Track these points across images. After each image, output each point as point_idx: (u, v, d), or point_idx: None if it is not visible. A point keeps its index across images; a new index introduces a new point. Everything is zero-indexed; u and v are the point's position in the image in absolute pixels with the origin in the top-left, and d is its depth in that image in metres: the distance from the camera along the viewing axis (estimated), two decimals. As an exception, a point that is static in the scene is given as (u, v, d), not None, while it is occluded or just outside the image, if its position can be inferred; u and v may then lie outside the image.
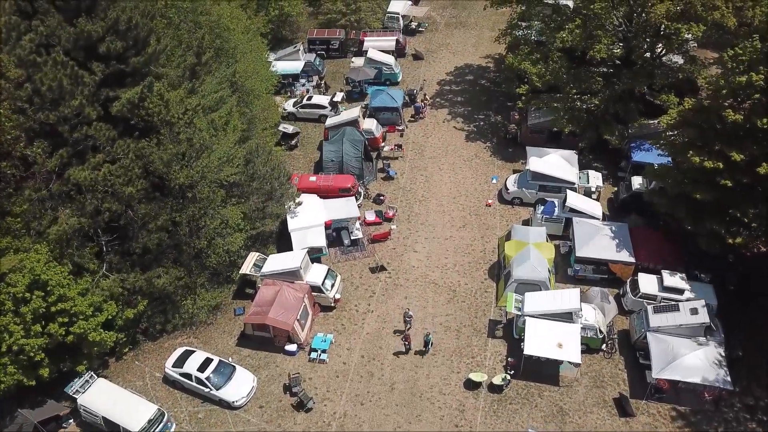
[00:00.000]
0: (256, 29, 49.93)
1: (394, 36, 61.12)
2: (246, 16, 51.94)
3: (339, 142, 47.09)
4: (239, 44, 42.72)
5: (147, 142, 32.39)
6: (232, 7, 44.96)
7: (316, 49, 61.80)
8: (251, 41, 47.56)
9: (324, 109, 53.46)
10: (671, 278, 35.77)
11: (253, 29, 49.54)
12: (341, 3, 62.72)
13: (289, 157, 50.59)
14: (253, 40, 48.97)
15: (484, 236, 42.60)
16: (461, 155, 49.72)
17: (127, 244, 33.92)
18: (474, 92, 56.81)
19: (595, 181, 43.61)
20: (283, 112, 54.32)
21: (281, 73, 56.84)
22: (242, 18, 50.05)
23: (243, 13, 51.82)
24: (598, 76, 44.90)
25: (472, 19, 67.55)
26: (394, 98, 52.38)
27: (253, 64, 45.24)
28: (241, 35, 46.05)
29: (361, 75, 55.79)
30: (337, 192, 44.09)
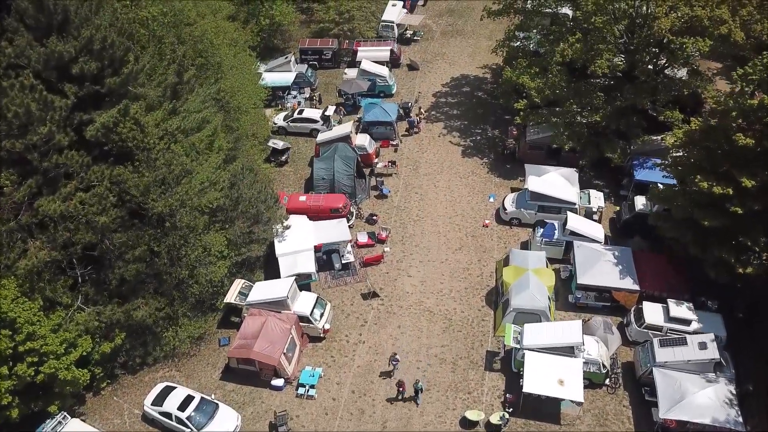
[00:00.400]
0: (244, 42, 47.98)
1: (388, 46, 59.21)
2: (234, 28, 50.04)
3: (330, 159, 45.18)
4: (225, 59, 40.73)
5: (123, 168, 30.45)
6: (217, 20, 43.01)
7: (308, 59, 59.86)
8: (238, 54, 45.64)
9: (315, 123, 51.54)
10: (677, 308, 33.91)
11: (241, 42, 47.59)
12: (334, 12, 60.80)
13: (279, 174, 48.68)
14: (240, 54, 47.10)
15: (481, 259, 40.69)
16: (457, 172, 47.82)
17: (103, 275, 31.98)
18: (471, 105, 54.91)
19: (597, 201, 41.72)
20: (274, 126, 52.40)
21: (271, 85, 54.95)
22: (229, 30, 48.16)
23: (231, 25, 49.93)
24: (599, 91, 43.02)
25: (469, 28, 65.64)
26: (388, 112, 50.46)
27: (240, 80, 43.30)
28: (228, 49, 44.17)
29: (354, 87, 53.88)
30: (327, 213, 42.19)
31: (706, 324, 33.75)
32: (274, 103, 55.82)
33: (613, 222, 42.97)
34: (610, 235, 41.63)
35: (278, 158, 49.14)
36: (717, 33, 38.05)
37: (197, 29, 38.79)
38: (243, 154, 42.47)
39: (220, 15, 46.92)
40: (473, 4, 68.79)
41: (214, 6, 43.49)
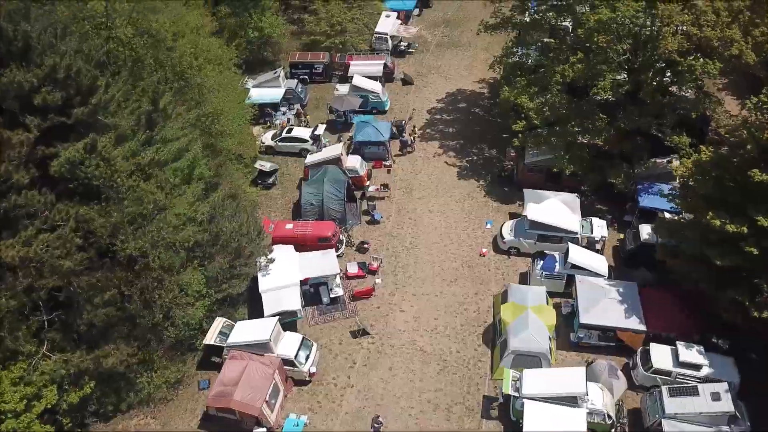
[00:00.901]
0: (229, 59, 45.55)
1: (381, 60, 56.77)
2: (218, 44, 47.58)
3: (319, 183, 42.81)
4: (207, 80, 38.29)
5: (89, 207, 28.04)
6: (199, 38, 40.53)
7: (298, 73, 57.42)
8: (223, 73, 43.19)
9: (305, 143, 49.15)
10: (687, 352, 31.61)
11: (226, 59, 45.14)
12: (325, 24, 58.38)
13: (266, 197, 46.29)
14: (224, 73, 44.69)
15: (478, 292, 38.35)
16: (453, 195, 45.47)
17: (71, 319, 29.58)
18: (467, 122, 52.57)
19: (600, 230, 39.36)
20: (261, 146, 50.02)
21: (259, 102, 52.61)
22: (213, 47, 45.69)
23: (214, 41, 47.47)
24: (601, 112, 40.64)
25: (465, 39, 63.27)
26: (381, 132, 48.07)
27: (224, 101, 40.87)
28: (211, 68, 41.74)
29: (346, 105, 51.48)
30: (315, 242, 39.81)
31: (718, 368, 31.48)
32: (262, 120, 53.47)
33: (616, 250, 40.66)
34: (614, 264, 39.33)
35: (265, 180, 46.74)
36: (727, 54, 35.72)
37: (176, 51, 36.33)
38: (227, 178, 40.11)
39: (203, 31, 44.48)
40: (470, 14, 66.60)
41: (195, 23, 40.98)
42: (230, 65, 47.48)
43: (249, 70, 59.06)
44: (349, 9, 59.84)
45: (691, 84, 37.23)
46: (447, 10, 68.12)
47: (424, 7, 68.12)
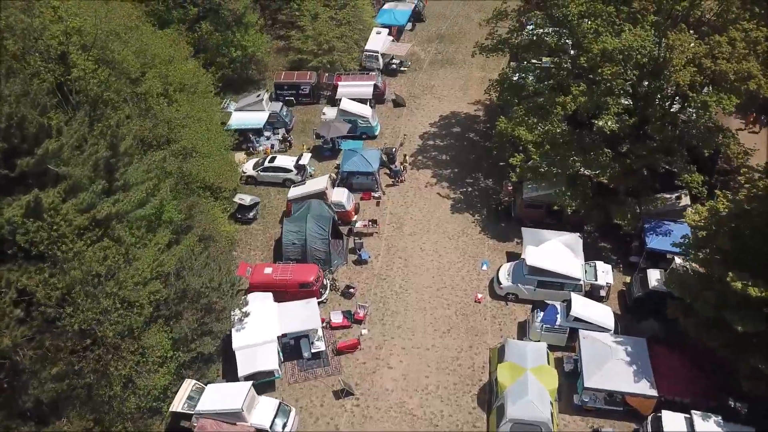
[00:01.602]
0: (206, 86, 42.35)
1: (371, 80, 53.50)
2: (194, 70, 44.29)
3: (302, 221, 39.57)
4: (178, 114, 34.99)
5: (33, 274, 24.77)
6: (169, 67, 37.26)
7: (283, 94, 54.13)
8: (197, 102, 39.93)
9: (289, 173, 45.89)
10: (704, 423, 28.45)
11: (203, 86, 41.92)
12: (312, 42, 55.07)
13: (246, 234, 43.03)
14: (199, 101, 41.52)
15: (473, 345, 35.16)
16: (446, 231, 42.26)
17: (16, 395, 26.31)
18: (461, 148, 49.35)
19: (605, 276, 36.17)
20: (243, 176, 46.73)
21: (241, 127, 49.39)
22: (186, 75, 42.43)
23: (190, 66, 44.20)
24: (605, 145, 37.49)
25: (460, 56, 60.01)
26: (369, 161, 44.83)
27: (198, 134, 37.65)
28: (184, 98, 38.54)
29: (333, 131, 48.19)
30: (296, 288, 36.58)
31: (737, 440, 28.39)
32: (245, 146, 50.20)
33: (622, 295, 37.49)
34: (619, 312, 36.20)
35: (245, 215, 43.46)
36: (744, 88, 32.57)
37: (143, 83, 33.05)
38: (201, 218, 36.79)
39: (178, 56, 41.21)
40: (465, 29, 63.49)
41: (165, 54, 37.69)
42: (208, 91, 44.39)
43: (233, 90, 56.09)
44: (338, 26, 56.54)
45: (703, 120, 33.96)
46: (441, 24, 64.90)
47: (417, 21, 64.85)
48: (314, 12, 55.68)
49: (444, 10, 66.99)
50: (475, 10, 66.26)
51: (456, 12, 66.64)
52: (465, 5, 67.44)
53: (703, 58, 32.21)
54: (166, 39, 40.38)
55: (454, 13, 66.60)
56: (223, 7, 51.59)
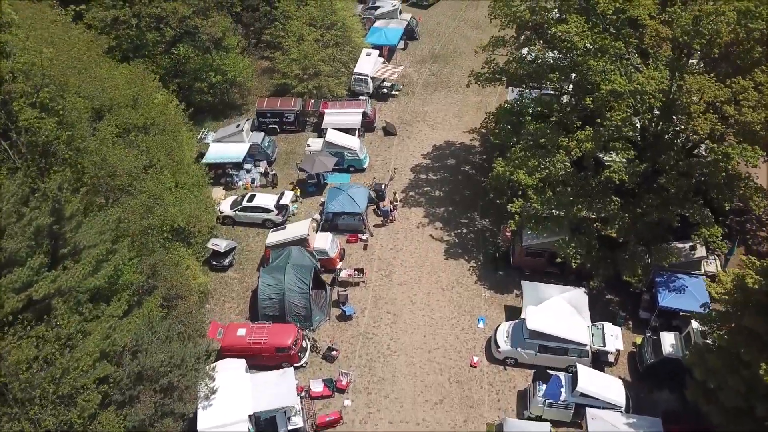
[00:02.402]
0: (175, 125, 38.77)
1: (360, 108, 49.88)
2: (165, 100, 40.79)
3: (280, 272, 35.97)
4: (137, 166, 31.32)
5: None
6: (130, 111, 33.60)
7: (266, 122, 50.50)
8: (164, 143, 36.31)
9: (269, 213, 42.29)
10: None
11: (171, 127, 38.29)
12: (297, 66, 51.41)
13: (221, 282, 39.44)
14: (175, 134, 38.05)
15: (468, 419, 31.58)
16: (439, 280, 38.70)
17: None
18: (456, 183, 45.78)
19: (613, 341, 32.60)
20: (219, 215, 43.10)
21: (220, 161, 45.86)
22: (157, 105, 39.00)
23: (162, 98, 40.70)
24: (613, 193, 33.94)
25: (455, 78, 56.42)
26: (356, 201, 41.24)
27: (164, 182, 34.09)
28: (151, 138, 34.96)
29: (318, 166, 44.54)
30: (272, 353, 33.03)
31: None
32: (223, 180, 46.61)
33: (632, 358, 33.98)
34: (630, 379, 32.71)
35: (220, 261, 39.87)
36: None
37: (97, 134, 29.37)
38: (168, 274, 33.13)
39: (144, 92, 37.59)
40: (460, 47, 59.95)
41: (127, 94, 34.08)
42: (178, 129, 40.83)
43: (213, 116, 52.65)
44: (324, 48, 52.88)
45: (723, 173, 30.35)
46: (435, 43, 61.29)
47: (410, 39, 61.18)
48: (299, 33, 52.00)
49: (438, 27, 63.45)
50: (472, 27, 62.94)
51: (451, 29, 63.11)
52: (461, 22, 63.97)
53: (726, 105, 28.67)
54: (131, 74, 36.65)
55: (448, 30, 63.06)
56: (199, 30, 47.95)
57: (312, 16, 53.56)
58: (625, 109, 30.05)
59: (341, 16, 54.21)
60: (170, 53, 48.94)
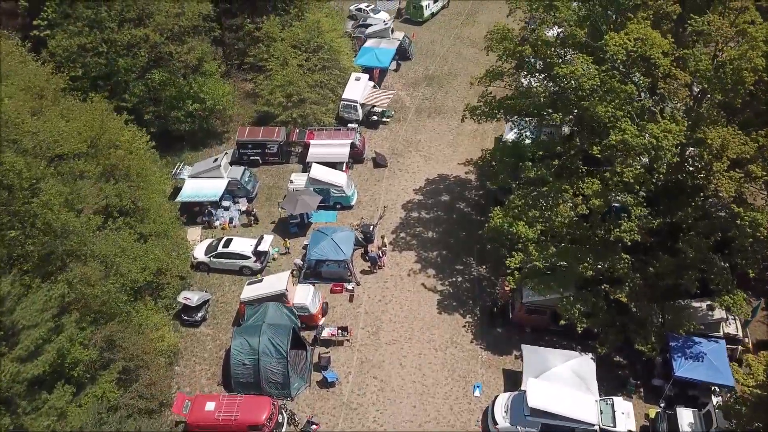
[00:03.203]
0: (140, 167, 35.30)
1: (348, 138, 46.33)
2: (131, 137, 37.26)
3: (255, 334, 32.51)
4: (88, 228, 27.72)
5: None
6: (86, 161, 30.04)
7: (247, 154, 46.94)
8: (125, 192, 32.82)
9: (247, 260, 38.79)
10: None
11: (137, 169, 34.82)
12: (280, 93, 47.81)
13: (193, 339, 35.94)
14: (143, 178, 34.68)
15: None
16: (432, 339, 35.18)
17: None
18: (450, 223, 42.27)
19: (624, 419, 29.07)
20: (193, 261, 39.60)
21: (196, 200, 42.37)
22: (124, 141, 35.59)
23: (127, 136, 37.19)
24: (623, 252, 30.43)
25: (450, 103, 52.89)
26: (341, 247, 37.71)
27: (125, 239, 30.60)
28: (111, 190, 31.48)
29: (301, 206, 40.96)
30: (245, 430, 29.54)
31: None
32: (200, 218, 43.10)
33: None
34: (643, 459, 29.30)
35: (192, 316, 36.36)
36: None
37: (41, 194, 25.80)
38: (127, 342, 29.61)
39: (108, 129, 34.08)
40: (456, 68, 56.47)
41: (81, 138, 30.53)
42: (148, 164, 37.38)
43: (191, 145, 49.15)
44: (311, 72, 49.29)
45: (750, 239, 26.79)
46: (429, 63, 57.72)
47: (403, 59, 57.60)
48: (282, 58, 48.40)
49: (432, 46, 59.87)
50: (468, 45, 59.51)
51: (446, 48, 59.55)
52: (456, 40, 60.45)
53: (753, 165, 25.16)
54: (91, 114, 33.08)
55: (443, 48, 59.49)
56: (174, 57, 44.36)
57: (297, 38, 49.94)
58: (637, 166, 26.55)
59: (329, 37, 50.56)
60: (144, 79, 45.35)
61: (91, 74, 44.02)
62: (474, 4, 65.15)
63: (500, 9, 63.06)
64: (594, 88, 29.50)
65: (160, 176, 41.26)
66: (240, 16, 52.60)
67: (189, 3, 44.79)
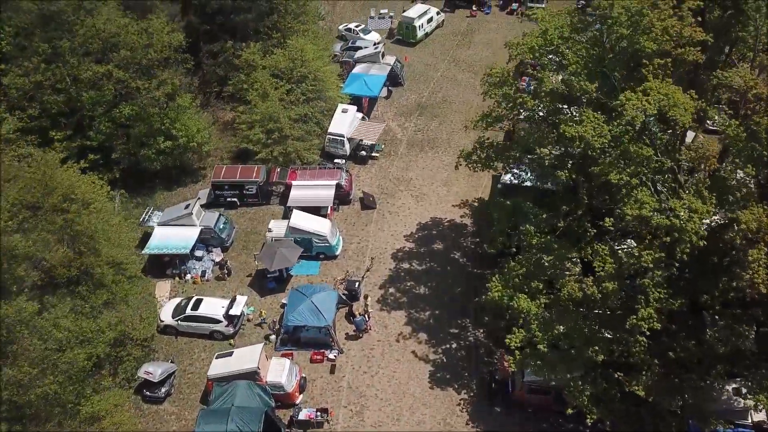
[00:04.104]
0: (102, 219, 31.49)
1: (334, 178, 42.39)
2: (87, 189, 33.24)
3: (221, 419, 28.58)
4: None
5: None
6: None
7: (224, 196, 42.95)
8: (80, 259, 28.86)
9: (218, 324, 34.86)
10: None
11: (92, 228, 30.88)
12: (260, 129, 43.77)
13: (155, 419, 31.99)
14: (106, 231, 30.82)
15: None
16: (422, 421, 31.14)
17: None
18: (444, 277, 38.33)
19: None
20: (160, 324, 35.69)
21: (165, 252, 38.45)
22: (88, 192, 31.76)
23: (87, 185, 33.28)
24: (639, 334, 26.42)
25: (444, 135, 48.96)
26: (321, 311, 33.76)
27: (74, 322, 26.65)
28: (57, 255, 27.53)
29: (279, 261, 36.94)
30: None
31: None
32: (170, 271, 39.17)
33: None
34: None
35: (155, 392, 32.40)
36: None
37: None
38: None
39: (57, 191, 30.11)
40: (450, 95, 52.71)
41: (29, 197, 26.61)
42: (107, 216, 33.45)
43: (164, 184, 45.26)
44: (295, 103, 45.27)
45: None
46: (422, 89, 53.70)
47: (394, 85, 53.60)
48: (262, 90, 44.38)
49: (426, 70, 55.85)
50: (463, 69, 55.63)
51: (440, 72, 55.56)
52: (451, 64, 56.51)
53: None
54: (34, 172, 29.13)
55: (438, 73, 55.50)
56: (141, 95, 40.37)
57: (279, 67, 45.93)
58: (657, 250, 22.67)
59: (314, 66, 46.53)
60: (111, 114, 41.39)
61: (52, 111, 40.11)
62: (470, 23, 61.30)
63: (497, 29, 60.22)
64: (605, 148, 25.59)
65: (125, 227, 37.24)
66: (219, 40, 48.52)
67: (158, 34, 40.71)
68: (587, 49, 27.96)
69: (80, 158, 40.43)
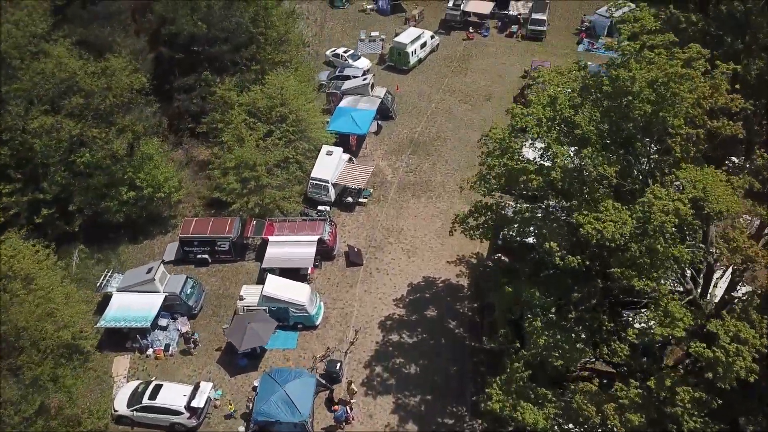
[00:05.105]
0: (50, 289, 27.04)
1: (315, 233, 37.89)
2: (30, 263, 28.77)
3: None
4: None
5: None
6: None
7: (194, 252, 38.45)
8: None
9: (179, 416, 30.36)
10: None
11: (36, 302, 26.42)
12: (234, 178, 39.15)
13: None
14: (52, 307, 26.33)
15: None
16: None
17: None
18: (438, 352, 33.83)
19: None
20: (113, 414, 31.19)
21: (123, 325, 33.94)
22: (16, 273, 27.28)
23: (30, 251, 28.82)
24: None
25: (438, 177, 44.39)
26: (296, 403, 29.29)
27: None
28: None
29: (250, 338, 32.37)
30: None
31: None
32: (129, 344, 34.68)
33: None
34: None
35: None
36: None
37: None
38: None
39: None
40: (445, 131, 48.22)
41: None
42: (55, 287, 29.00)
43: (129, 235, 40.73)
44: (275, 144, 40.66)
45: None
46: (415, 123, 49.08)
47: (384, 119, 48.96)
48: (238, 134, 39.83)
49: (419, 101, 51.21)
50: (459, 100, 51.14)
51: (434, 104, 50.89)
52: (446, 93, 51.89)
53: None
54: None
55: (431, 105, 50.85)
56: (99, 145, 35.81)
57: (257, 105, 41.38)
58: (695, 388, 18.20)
59: (295, 105, 41.90)
60: (67, 162, 36.86)
61: (-1, 163, 35.63)
62: (467, 47, 56.69)
63: (496, 53, 55.52)
64: (627, 243, 21.10)
65: (78, 297, 32.73)
66: (194, 73, 43.83)
67: (117, 75, 36.12)
68: (602, 115, 23.46)
69: (33, 213, 36.53)
